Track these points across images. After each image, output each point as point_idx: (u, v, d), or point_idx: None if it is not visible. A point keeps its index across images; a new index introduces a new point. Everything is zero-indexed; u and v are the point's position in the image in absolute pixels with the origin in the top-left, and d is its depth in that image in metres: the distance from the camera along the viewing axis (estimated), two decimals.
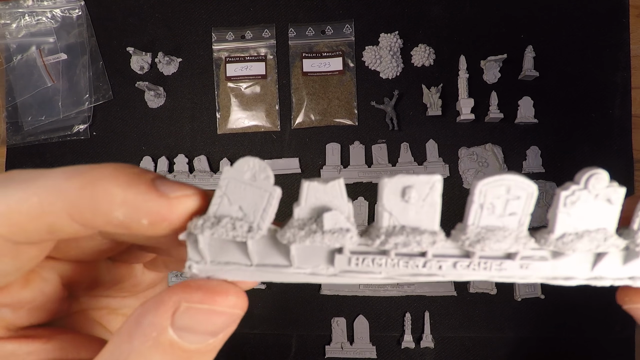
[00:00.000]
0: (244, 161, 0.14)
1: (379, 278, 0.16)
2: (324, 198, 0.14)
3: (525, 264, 0.15)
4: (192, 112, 0.72)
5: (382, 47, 0.69)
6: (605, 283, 0.16)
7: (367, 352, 0.66)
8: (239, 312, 0.15)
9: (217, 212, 0.15)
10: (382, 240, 0.15)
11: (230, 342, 0.69)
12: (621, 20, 0.66)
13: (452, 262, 0.15)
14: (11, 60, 0.73)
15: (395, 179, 0.14)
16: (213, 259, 0.16)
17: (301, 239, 0.15)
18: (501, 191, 0.14)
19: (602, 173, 0.14)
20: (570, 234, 0.15)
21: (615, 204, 0.14)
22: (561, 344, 0.66)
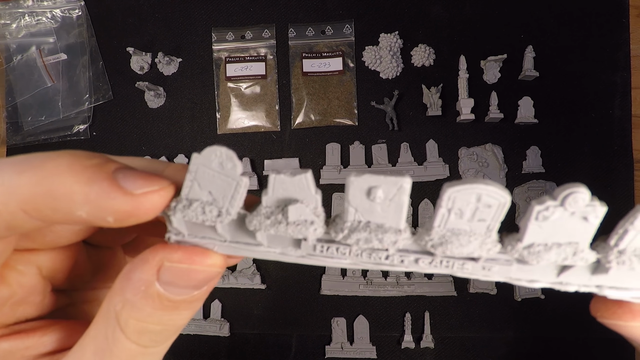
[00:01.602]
0: (211, 150, 0.14)
1: (345, 263, 0.16)
2: (291, 189, 0.15)
3: (489, 266, 0.15)
4: (192, 112, 0.72)
5: (382, 47, 0.69)
6: (570, 289, 0.15)
7: (367, 352, 0.66)
8: (217, 269, 0.16)
9: (189, 195, 0.15)
10: (345, 234, 0.15)
11: (231, 342, 0.69)
12: (621, 20, 0.66)
13: (415, 257, 0.16)
14: (11, 60, 0.73)
15: (361, 179, 0.14)
16: (190, 232, 0.16)
17: (266, 227, 0.15)
18: (471, 199, 0.14)
19: (583, 193, 0.13)
20: (539, 244, 0.14)
21: (593, 222, 0.14)
22: (561, 344, 0.66)
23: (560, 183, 0.72)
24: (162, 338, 0.17)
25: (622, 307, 0.15)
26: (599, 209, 0.13)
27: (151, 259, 0.15)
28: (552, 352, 0.66)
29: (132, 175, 0.14)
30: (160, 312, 0.16)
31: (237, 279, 0.68)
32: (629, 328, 0.15)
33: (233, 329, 0.69)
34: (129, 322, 0.15)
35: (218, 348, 0.69)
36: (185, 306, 0.16)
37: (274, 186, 0.15)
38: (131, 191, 0.14)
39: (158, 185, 0.14)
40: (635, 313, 0.15)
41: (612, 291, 0.15)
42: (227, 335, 0.69)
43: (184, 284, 0.16)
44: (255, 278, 0.68)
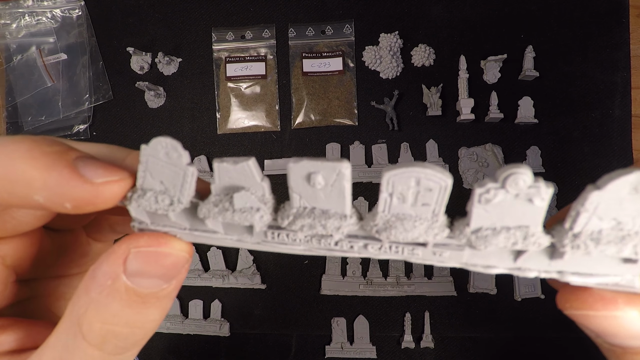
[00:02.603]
0: (157, 141, 0.14)
1: (299, 249, 0.16)
2: (237, 178, 0.15)
3: (440, 251, 0.15)
4: (192, 112, 0.72)
5: (382, 47, 0.69)
6: (530, 275, 0.15)
7: (367, 352, 0.66)
8: (184, 254, 0.16)
9: (143, 185, 0.15)
10: (290, 221, 0.15)
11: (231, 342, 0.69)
12: (621, 20, 0.66)
13: (364, 243, 0.15)
14: (11, 60, 0.73)
15: (299, 165, 0.14)
16: (153, 221, 0.16)
17: (215, 215, 0.15)
18: (411, 183, 0.13)
19: (523, 174, 0.13)
20: (487, 228, 0.14)
21: (539, 205, 0.13)
22: (561, 344, 0.66)
23: (560, 183, 0.72)
24: (128, 344, 0.16)
25: (591, 295, 0.14)
26: (543, 190, 0.13)
27: (117, 248, 0.15)
28: (552, 352, 0.66)
29: (92, 164, 0.14)
30: (128, 310, 0.15)
31: (237, 279, 0.68)
32: (598, 319, 0.14)
33: (233, 329, 0.69)
34: (93, 326, 0.15)
35: (218, 348, 0.69)
36: (154, 302, 0.15)
37: (219, 175, 0.15)
38: (91, 180, 0.14)
39: (118, 175, 0.15)
40: (607, 301, 0.14)
41: (575, 277, 0.14)
42: (227, 335, 0.69)
43: (153, 271, 0.15)
44: (255, 278, 0.68)
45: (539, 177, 0.13)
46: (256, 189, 0.15)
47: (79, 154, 0.14)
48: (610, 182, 0.12)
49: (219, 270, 0.70)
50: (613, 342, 0.14)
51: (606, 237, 0.13)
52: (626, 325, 0.14)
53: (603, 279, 0.14)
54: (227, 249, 0.70)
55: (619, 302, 0.14)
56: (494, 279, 0.66)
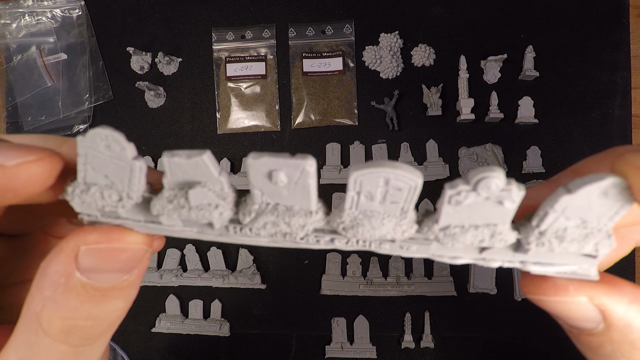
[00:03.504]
0: (95, 132, 0.13)
1: (263, 242, 0.15)
2: (191, 173, 0.14)
3: (407, 245, 0.15)
4: (192, 112, 0.72)
5: (382, 47, 0.69)
6: (494, 265, 0.15)
7: (367, 352, 0.66)
8: (141, 246, 0.15)
9: (86, 179, 0.14)
10: (252, 218, 0.14)
11: (231, 342, 0.69)
12: (621, 20, 0.66)
13: (330, 237, 0.15)
14: (11, 60, 0.73)
15: (259, 162, 0.13)
16: (102, 214, 0.15)
17: (169, 212, 0.14)
18: (379, 182, 0.13)
19: (495, 177, 0.12)
20: (455, 226, 0.14)
21: (509, 207, 0.13)
22: (561, 343, 0.66)
23: None
24: (95, 334, 0.15)
25: (546, 282, 0.15)
26: (514, 193, 0.13)
27: (65, 246, 0.14)
28: (552, 352, 0.66)
29: (4, 148, 0.13)
30: (88, 304, 0.14)
31: (237, 279, 0.68)
32: (553, 303, 0.15)
33: (233, 329, 0.69)
34: (54, 323, 0.14)
35: (218, 348, 0.69)
36: (115, 294, 0.14)
37: (171, 170, 0.14)
38: (1, 163, 0.13)
39: (35, 155, 0.13)
40: (558, 287, 0.15)
41: (536, 267, 0.15)
42: (227, 335, 0.69)
43: (109, 267, 0.14)
44: (255, 278, 0.68)
45: (511, 179, 0.13)
46: (213, 184, 0.14)
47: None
48: (582, 187, 0.12)
49: (219, 270, 0.70)
50: (569, 324, 0.15)
51: (570, 235, 0.14)
52: (577, 310, 0.14)
53: (562, 268, 0.15)
54: (227, 249, 0.70)
55: (570, 289, 0.14)
56: (494, 279, 0.66)
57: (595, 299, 0.14)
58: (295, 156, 0.13)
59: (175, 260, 0.70)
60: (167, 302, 0.70)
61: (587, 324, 0.14)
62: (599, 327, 0.14)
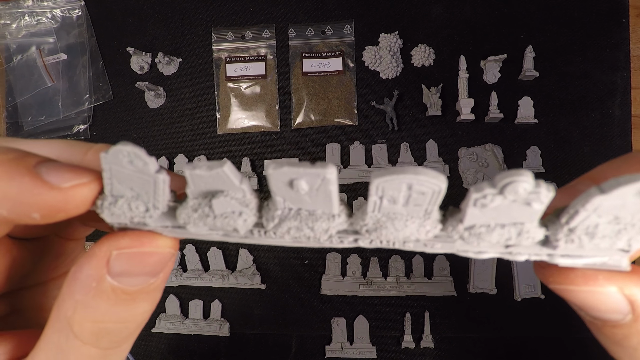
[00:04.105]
0: (117, 150, 0.13)
1: (287, 242, 0.16)
2: (213, 183, 0.14)
3: (431, 244, 0.15)
4: (192, 112, 0.72)
5: (382, 47, 0.69)
6: (520, 258, 0.15)
7: (367, 352, 0.66)
8: (170, 250, 0.15)
9: (112, 191, 0.14)
10: (276, 224, 0.14)
11: (231, 342, 0.69)
12: (621, 20, 0.66)
13: (353, 238, 0.15)
14: (11, 60, 0.73)
15: (279, 172, 0.13)
16: (132, 222, 0.15)
17: (195, 221, 0.15)
18: (402, 187, 0.13)
19: (524, 182, 0.12)
20: (481, 226, 0.14)
21: (537, 208, 0.13)
22: (561, 344, 0.66)
23: (560, 183, 0.72)
24: (123, 337, 0.16)
25: (574, 272, 0.15)
26: (543, 195, 0.12)
27: (97, 251, 0.14)
28: (552, 352, 0.66)
29: (56, 168, 0.13)
30: (118, 307, 0.15)
31: (237, 279, 0.68)
32: (580, 293, 0.14)
33: (233, 329, 0.69)
34: (85, 326, 0.14)
35: (218, 348, 0.69)
36: (143, 297, 0.15)
37: (194, 182, 0.14)
38: (58, 185, 0.13)
39: (86, 177, 0.14)
40: (588, 277, 0.14)
41: (564, 259, 0.14)
42: (227, 335, 0.69)
43: (138, 270, 0.15)
44: (255, 278, 0.68)
45: (540, 181, 0.12)
46: (236, 192, 0.14)
47: (38, 158, 0.13)
48: (617, 188, 0.12)
49: (219, 270, 0.70)
50: (594, 315, 0.15)
51: (602, 231, 0.13)
52: (605, 300, 0.14)
53: (591, 260, 0.14)
54: (227, 249, 0.70)
55: (600, 279, 0.14)
56: (494, 279, 0.66)
57: (625, 289, 0.14)
58: (315, 164, 0.13)
59: (175, 260, 0.70)
60: (167, 302, 0.70)
61: (613, 315, 0.14)
62: (626, 319, 0.14)
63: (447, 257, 0.67)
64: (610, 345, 0.15)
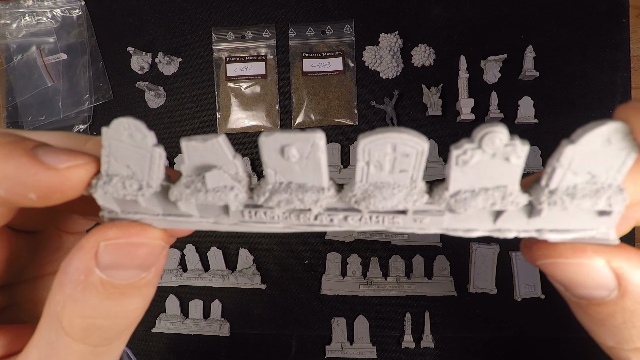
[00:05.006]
0: (119, 122, 0.14)
1: (278, 227, 0.16)
2: (207, 156, 0.14)
3: (420, 218, 0.15)
4: (192, 112, 0.72)
5: (382, 47, 0.69)
6: (509, 235, 0.15)
7: (367, 352, 0.66)
8: (159, 242, 0.15)
9: (108, 170, 0.15)
10: (267, 197, 0.15)
11: (231, 342, 0.69)
12: (621, 20, 0.66)
13: (344, 215, 0.15)
14: (11, 60, 0.73)
15: (271, 138, 0.14)
16: (123, 209, 0.16)
17: (187, 197, 0.15)
18: (387, 149, 0.13)
19: (499, 132, 0.13)
20: (465, 191, 0.14)
21: (516, 163, 0.13)
22: (561, 344, 0.66)
23: None
24: (113, 333, 0.15)
25: (564, 245, 0.15)
26: (519, 147, 0.13)
27: (85, 243, 0.14)
28: (552, 352, 0.66)
29: (53, 151, 0.14)
30: (107, 302, 0.14)
31: (237, 279, 0.68)
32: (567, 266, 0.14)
33: (233, 329, 0.69)
34: (74, 322, 0.14)
35: (218, 348, 0.69)
36: (134, 292, 0.15)
37: (188, 154, 0.14)
38: (54, 166, 0.13)
39: (82, 159, 0.14)
40: (576, 249, 0.14)
41: (553, 234, 0.15)
42: (227, 335, 0.69)
43: (127, 263, 0.14)
44: (255, 278, 0.68)
45: (514, 135, 0.13)
46: (229, 167, 0.15)
47: (36, 142, 0.14)
48: (584, 135, 0.13)
49: (219, 270, 0.70)
50: (579, 293, 0.15)
51: (581, 191, 0.14)
52: (593, 273, 0.14)
53: (579, 234, 0.14)
54: (227, 249, 0.70)
55: (588, 251, 0.14)
56: (494, 279, 0.66)
57: (613, 262, 0.14)
58: (305, 131, 0.13)
59: (175, 260, 0.70)
60: (167, 302, 0.70)
61: (599, 292, 0.14)
62: (612, 295, 0.14)
63: (447, 257, 0.67)
64: (594, 326, 0.15)
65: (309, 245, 0.69)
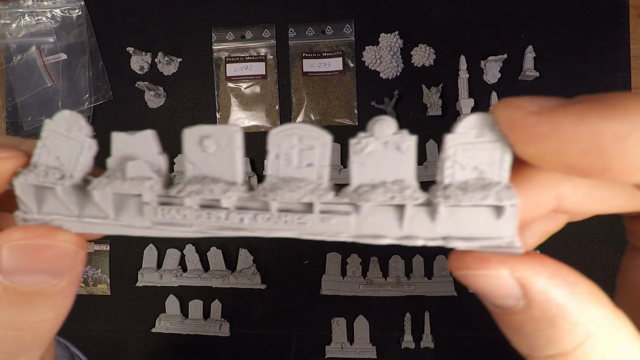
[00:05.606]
0: (60, 114, 0.15)
1: (190, 232, 0.16)
2: (134, 149, 0.15)
3: (327, 217, 0.15)
4: (192, 112, 0.72)
5: (382, 47, 0.69)
6: (417, 243, 0.15)
7: (367, 352, 0.66)
8: (69, 245, 0.14)
9: (38, 161, 0.15)
10: (180, 188, 0.15)
11: (231, 342, 0.69)
12: (621, 20, 0.66)
13: (253, 214, 0.15)
14: (11, 60, 0.73)
15: (194, 129, 0.14)
16: (40, 210, 0.16)
17: (104, 185, 0.15)
18: (294, 140, 0.14)
19: (386, 120, 0.14)
20: (366, 185, 0.15)
21: (407, 153, 0.14)
22: None
23: None
24: (17, 347, 0.14)
25: (470, 255, 0.15)
26: (407, 136, 0.14)
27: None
28: None
29: None
30: (10, 310, 0.13)
31: (237, 279, 0.68)
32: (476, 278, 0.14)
33: (233, 329, 0.69)
34: None
35: (218, 348, 0.69)
36: (42, 300, 0.13)
37: (117, 145, 0.15)
38: None
39: (9, 152, 0.14)
40: (482, 260, 0.14)
41: (460, 242, 0.15)
42: (227, 335, 0.69)
43: (32, 267, 0.13)
44: (255, 278, 0.68)
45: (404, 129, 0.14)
46: (153, 161, 0.15)
47: None
48: (458, 125, 0.14)
49: (219, 270, 0.70)
50: (492, 302, 0.15)
51: (472, 186, 0.14)
52: (499, 284, 0.14)
53: (486, 242, 0.15)
54: (227, 249, 0.70)
55: (492, 261, 0.14)
56: None
57: (516, 272, 0.14)
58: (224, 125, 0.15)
59: (175, 260, 0.70)
60: (167, 302, 0.70)
61: (508, 301, 0.14)
62: (520, 304, 0.14)
63: (448, 257, 0.67)
64: (511, 334, 0.15)
65: (309, 245, 0.69)
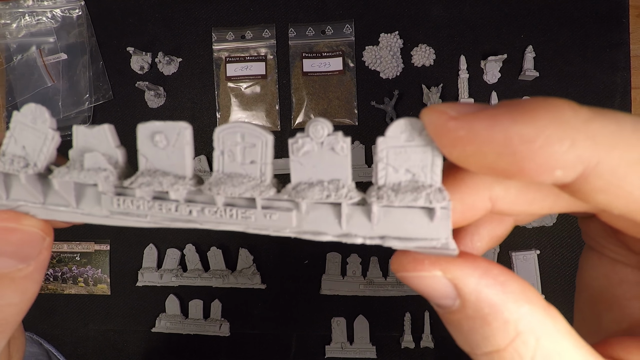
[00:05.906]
0: (27, 106, 0.16)
1: (145, 222, 0.17)
2: (93, 142, 0.16)
3: (270, 213, 0.16)
4: (192, 112, 0.72)
5: (382, 47, 0.69)
6: (356, 241, 0.16)
7: (367, 352, 0.66)
8: (35, 230, 0.15)
9: (6, 150, 0.16)
10: (132, 180, 0.16)
11: (231, 342, 0.69)
12: (621, 20, 0.66)
13: (201, 207, 0.16)
14: (11, 60, 0.73)
15: (146, 125, 0.15)
16: (9, 197, 0.17)
17: (63, 174, 0.16)
18: (237, 138, 0.15)
19: (322, 122, 0.15)
20: (304, 183, 0.15)
21: (341, 153, 0.15)
22: None
23: None
24: None
25: (407, 257, 0.15)
26: (341, 138, 0.15)
27: None
28: None
29: None
30: None
31: (237, 279, 0.68)
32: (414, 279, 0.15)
33: (233, 328, 0.69)
34: None
35: (218, 348, 0.69)
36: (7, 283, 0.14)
37: (77, 138, 0.16)
38: None
39: None
40: (417, 262, 0.15)
41: (396, 242, 0.15)
42: (227, 335, 0.69)
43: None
44: (255, 278, 0.68)
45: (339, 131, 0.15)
46: (110, 155, 0.16)
47: None
48: (388, 128, 0.15)
49: (219, 270, 0.70)
50: (434, 302, 0.15)
51: (404, 187, 0.15)
52: (434, 285, 0.14)
53: (422, 243, 0.15)
54: (227, 249, 0.70)
55: (425, 263, 0.14)
56: None
57: (448, 273, 0.14)
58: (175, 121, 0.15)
59: (175, 260, 0.70)
60: (167, 302, 0.70)
61: (446, 301, 0.14)
62: (456, 304, 0.14)
63: None
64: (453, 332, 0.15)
65: (308, 245, 0.69)
